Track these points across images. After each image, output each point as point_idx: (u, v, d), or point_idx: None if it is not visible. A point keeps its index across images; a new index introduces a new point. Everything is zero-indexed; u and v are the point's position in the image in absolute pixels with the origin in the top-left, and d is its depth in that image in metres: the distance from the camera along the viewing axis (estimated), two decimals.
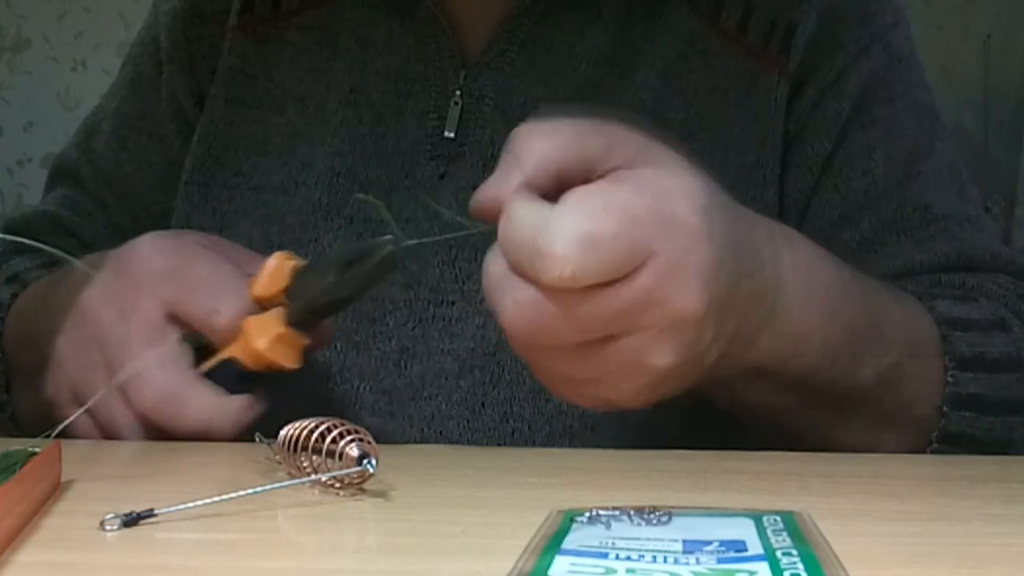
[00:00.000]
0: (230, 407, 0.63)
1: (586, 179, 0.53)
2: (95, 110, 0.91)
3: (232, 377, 0.64)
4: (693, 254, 0.51)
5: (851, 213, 0.75)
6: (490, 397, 0.71)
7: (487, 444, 0.70)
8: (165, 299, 0.63)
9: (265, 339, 0.62)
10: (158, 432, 0.62)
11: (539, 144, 0.53)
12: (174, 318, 0.63)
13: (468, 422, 0.71)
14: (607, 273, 0.50)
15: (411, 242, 0.58)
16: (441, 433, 0.71)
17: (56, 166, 0.91)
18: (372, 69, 0.78)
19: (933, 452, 0.67)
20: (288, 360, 0.62)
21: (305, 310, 0.62)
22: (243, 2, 0.83)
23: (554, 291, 0.50)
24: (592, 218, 0.50)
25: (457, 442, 0.71)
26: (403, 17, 0.78)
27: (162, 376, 0.61)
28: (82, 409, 0.61)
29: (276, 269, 0.63)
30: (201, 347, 0.64)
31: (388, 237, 0.58)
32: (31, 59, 2.81)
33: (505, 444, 0.70)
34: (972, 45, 2.71)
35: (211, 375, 0.64)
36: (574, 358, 0.53)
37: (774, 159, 0.75)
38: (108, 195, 0.87)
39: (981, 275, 0.74)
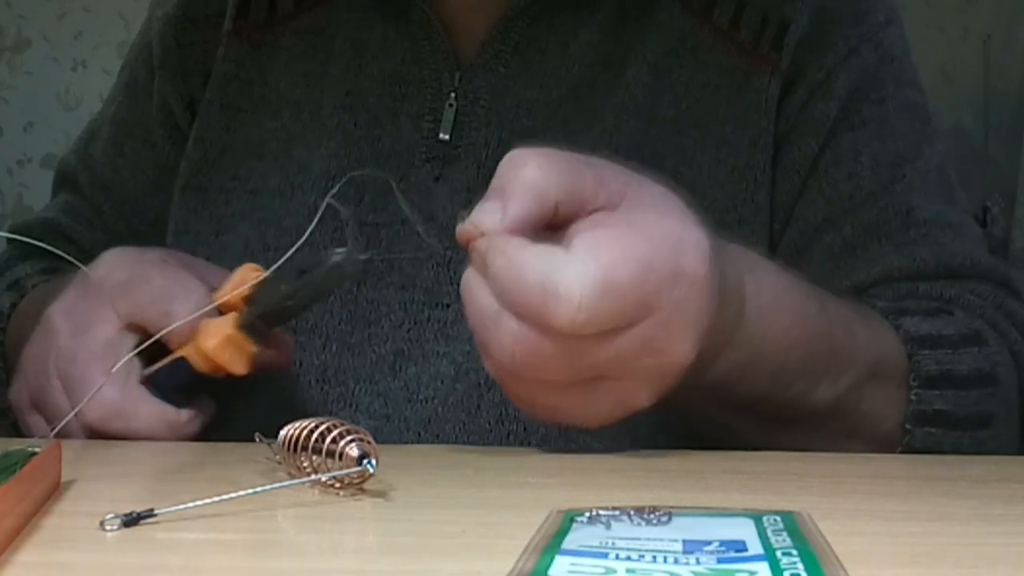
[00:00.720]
0: (175, 420, 0.65)
1: (576, 214, 0.53)
2: (96, 116, 0.92)
3: (185, 384, 0.65)
4: (694, 307, 0.52)
5: (834, 216, 0.75)
6: (486, 400, 0.71)
7: (483, 446, 0.70)
8: (122, 310, 0.65)
9: (214, 340, 0.63)
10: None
11: (532, 175, 0.52)
12: (133, 327, 0.65)
13: (464, 425, 0.71)
14: (617, 321, 0.51)
15: (363, 256, 0.60)
16: (437, 436, 0.71)
17: (58, 172, 0.92)
18: (367, 73, 0.78)
19: None
20: (235, 364, 0.64)
21: (255, 315, 0.63)
22: (238, 8, 0.83)
23: (556, 333, 0.50)
24: (610, 265, 0.50)
25: (453, 444, 0.71)
26: (397, 20, 0.78)
27: (109, 392, 0.63)
28: (73, 411, 0.61)
29: (240, 278, 0.65)
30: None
31: (341, 250, 0.60)
32: (31, 59, 2.80)
33: (501, 446, 0.70)
34: (972, 45, 2.70)
35: (170, 384, 0.65)
36: (560, 393, 0.53)
37: (765, 160, 0.74)
38: (104, 201, 0.87)
39: (960, 284, 0.73)
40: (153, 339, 0.63)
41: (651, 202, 0.54)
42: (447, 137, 0.75)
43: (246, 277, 0.65)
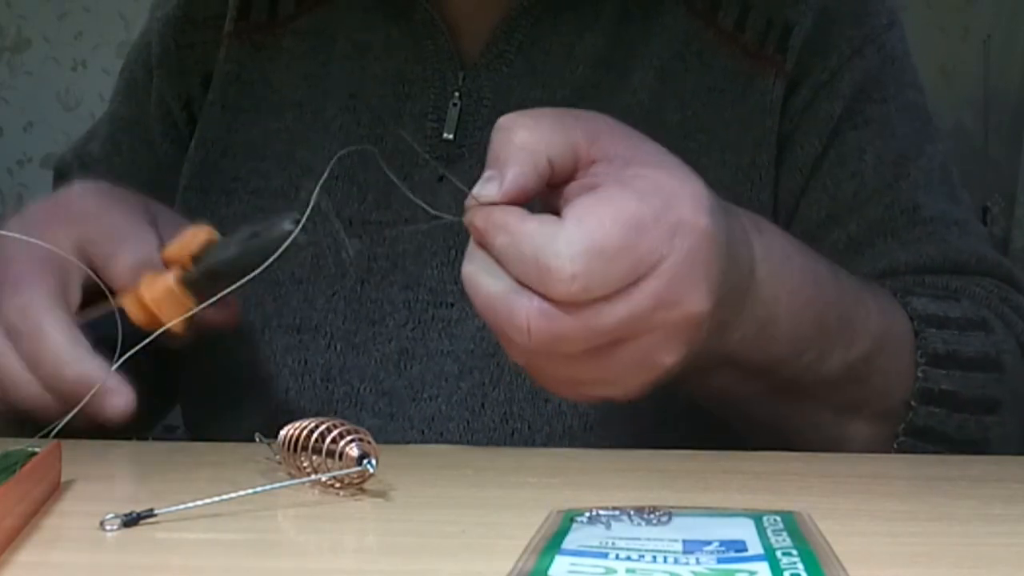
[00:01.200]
0: (93, 373, 0.61)
1: (573, 168, 0.53)
2: (100, 117, 0.92)
3: (114, 338, 0.62)
4: (700, 256, 0.52)
5: (839, 214, 0.75)
6: (490, 398, 0.71)
7: (487, 445, 0.70)
8: (75, 236, 0.65)
9: (154, 291, 0.63)
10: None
11: (521, 137, 0.53)
12: (81, 256, 0.64)
13: (468, 423, 0.71)
14: (615, 283, 0.50)
15: (297, 218, 0.58)
16: (441, 435, 0.71)
17: (55, 170, 0.92)
18: (370, 73, 0.78)
19: (899, 445, 0.67)
20: (172, 317, 0.63)
21: (198, 272, 0.63)
22: (239, 9, 0.83)
23: (566, 302, 0.50)
24: (599, 230, 0.50)
25: (457, 443, 0.71)
26: (400, 20, 0.78)
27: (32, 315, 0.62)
28: (72, 412, 0.61)
29: (191, 236, 0.64)
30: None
31: (292, 214, 0.59)
32: (31, 59, 2.81)
33: (505, 445, 0.70)
34: (972, 45, 2.70)
35: (100, 334, 0.63)
36: (583, 362, 0.53)
37: (769, 160, 0.75)
38: None
39: (966, 278, 0.74)
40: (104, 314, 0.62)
41: (646, 155, 0.54)
42: (451, 137, 0.75)
43: (197, 236, 0.64)
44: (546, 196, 0.54)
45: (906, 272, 0.73)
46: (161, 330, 0.61)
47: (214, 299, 0.61)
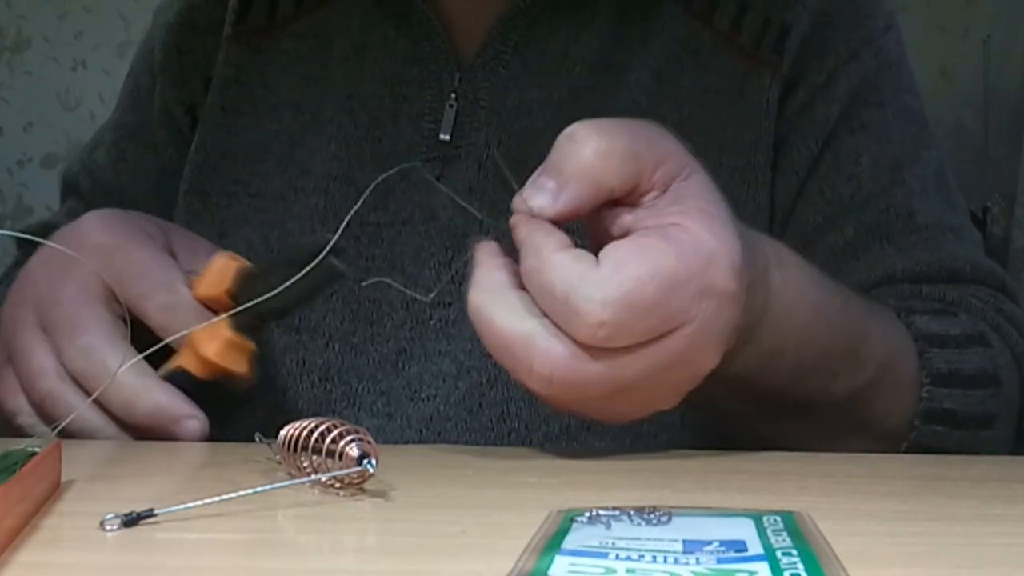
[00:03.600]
0: (188, 412, 0.63)
1: (629, 195, 0.53)
2: (103, 125, 0.92)
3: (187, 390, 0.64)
4: (722, 320, 0.52)
5: (835, 217, 0.75)
6: (487, 398, 0.71)
7: (485, 445, 0.70)
8: (101, 274, 0.64)
9: (214, 346, 0.62)
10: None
11: (591, 161, 0.52)
12: (111, 294, 0.64)
13: (466, 423, 0.71)
14: (640, 337, 0.50)
15: (333, 244, 0.57)
16: (439, 434, 0.71)
17: (62, 180, 0.92)
18: (367, 75, 0.79)
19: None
20: (239, 366, 0.63)
21: (250, 317, 0.62)
22: (237, 13, 0.83)
23: (588, 348, 0.50)
24: (635, 282, 0.49)
25: (455, 443, 0.71)
26: (397, 21, 0.78)
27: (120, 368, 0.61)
28: (74, 413, 0.61)
29: (221, 269, 0.64)
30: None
31: (328, 238, 0.57)
32: (31, 59, 2.81)
33: (502, 445, 0.70)
34: (972, 45, 2.70)
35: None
36: (591, 402, 0.53)
37: (765, 161, 0.75)
38: (103, 206, 0.87)
39: (961, 287, 0.74)
40: (158, 346, 0.61)
41: (695, 195, 0.53)
42: (447, 137, 0.75)
43: (227, 269, 0.63)
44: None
45: (902, 279, 0.73)
46: (166, 341, 0.61)
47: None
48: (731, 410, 0.64)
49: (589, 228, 0.55)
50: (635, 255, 0.51)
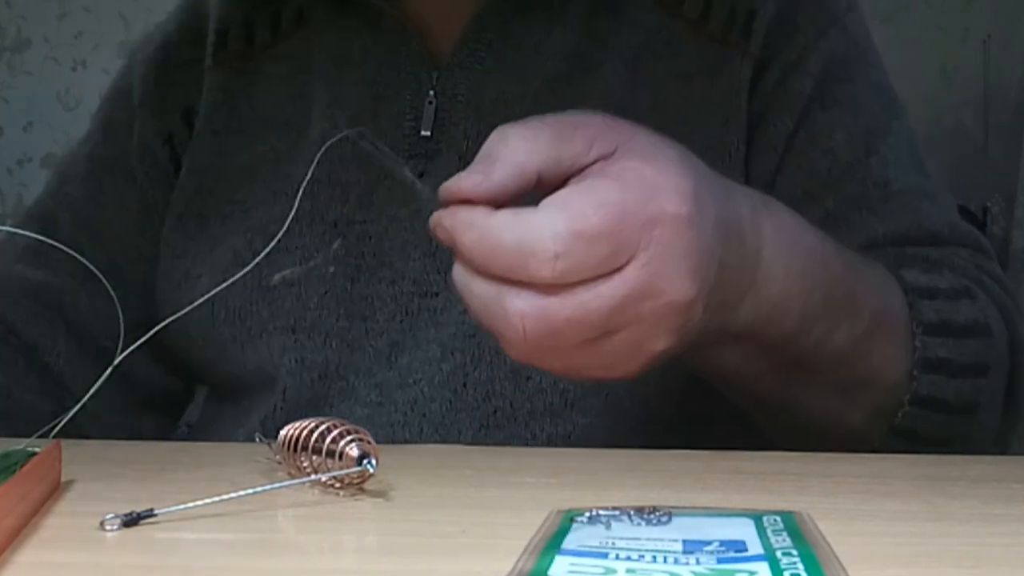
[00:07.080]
0: None
1: (566, 176, 0.53)
2: (61, 162, 0.91)
3: None
4: (681, 245, 0.52)
5: (814, 190, 0.77)
6: (471, 378, 0.72)
7: (469, 424, 0.71)
8: None
9: None
10: None
11: (515, 146, 0.52)
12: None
13: (450, 403, 0.72)
14: (597, 267, 0.50)
15: None
16: (424, 415, 0.72)
17: (37, 216, 0.88)
18: (348, 82, 0.80)
19: (904, 416, 0.68)
20: None
21: None
22: (215, 43, 0.84)
23: (554, 292, 0.50)
24: (580, 215, 0.50)
25: (440, 423, 0.72)
26: (373, 32, 0.80)
27: None
28: (75, 408, 0.61)
29: None
30: None
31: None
32: (31, 59, 2.81)
33: (487, 423, 0.71)
34: (972, 45, 2.70)
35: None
36: (579, 354, 0.53)
37: (739, 138, 0.76)
38: (84, 239, 0.85)
39: (942, 248, 0.76)
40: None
41: (637, 147, 0.54)
42: (428, 134, 0.77)
43: None
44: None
45: (885, 244, 0.75)
46: (157, 329, 0.61)
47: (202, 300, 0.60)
48: (741, 374, 0.64)
49: None
50: (578, 193, 0.51)
